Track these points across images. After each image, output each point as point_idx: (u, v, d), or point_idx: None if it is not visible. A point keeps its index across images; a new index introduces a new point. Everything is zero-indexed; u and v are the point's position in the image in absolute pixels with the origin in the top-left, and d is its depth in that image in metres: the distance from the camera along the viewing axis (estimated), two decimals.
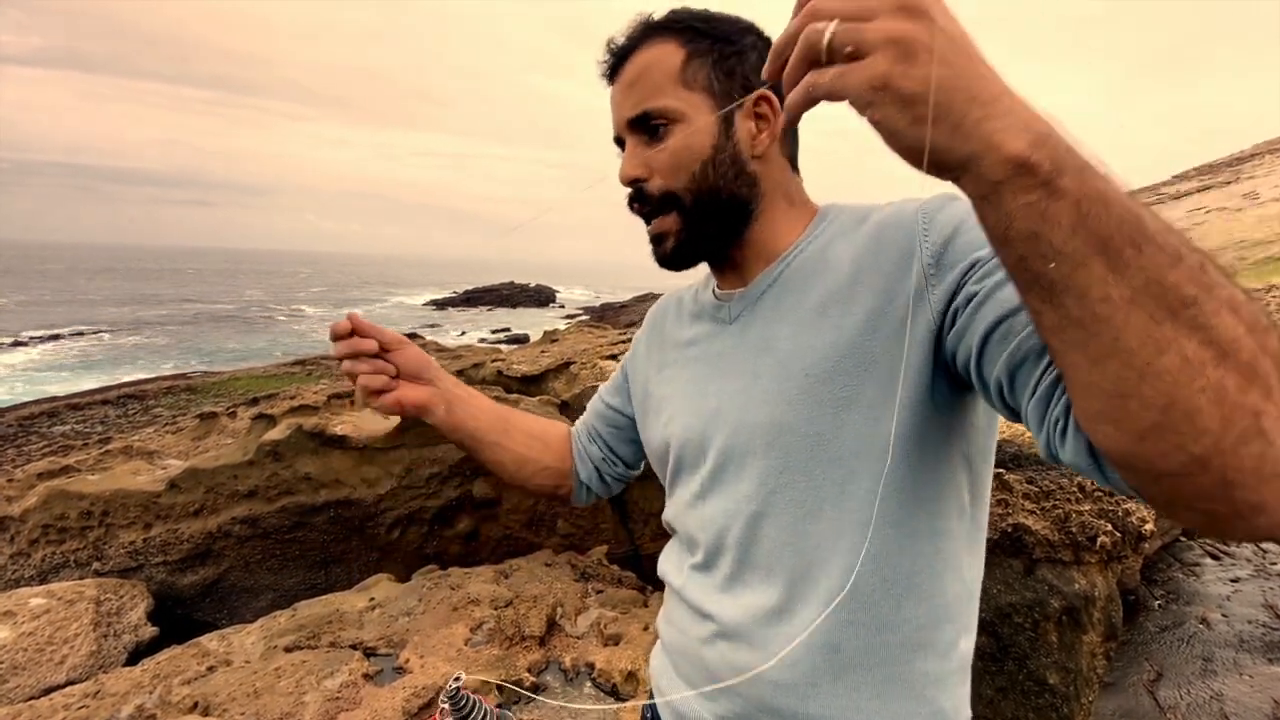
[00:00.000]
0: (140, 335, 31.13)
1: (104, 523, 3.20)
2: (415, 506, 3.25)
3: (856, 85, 0.38)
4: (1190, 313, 0.36)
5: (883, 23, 0.37)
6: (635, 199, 0.73)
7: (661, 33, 0.71)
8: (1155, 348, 0.36)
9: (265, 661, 2.13)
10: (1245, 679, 2.00)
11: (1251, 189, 14.02)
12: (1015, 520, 1.65)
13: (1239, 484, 0.37)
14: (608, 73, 0.74)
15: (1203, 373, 0.36)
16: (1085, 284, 0.37)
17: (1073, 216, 0.36)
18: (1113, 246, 0.36)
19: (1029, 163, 0.36)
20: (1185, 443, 0.37)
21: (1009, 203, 0.37)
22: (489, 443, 0.90)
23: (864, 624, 0.64)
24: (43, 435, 6.28)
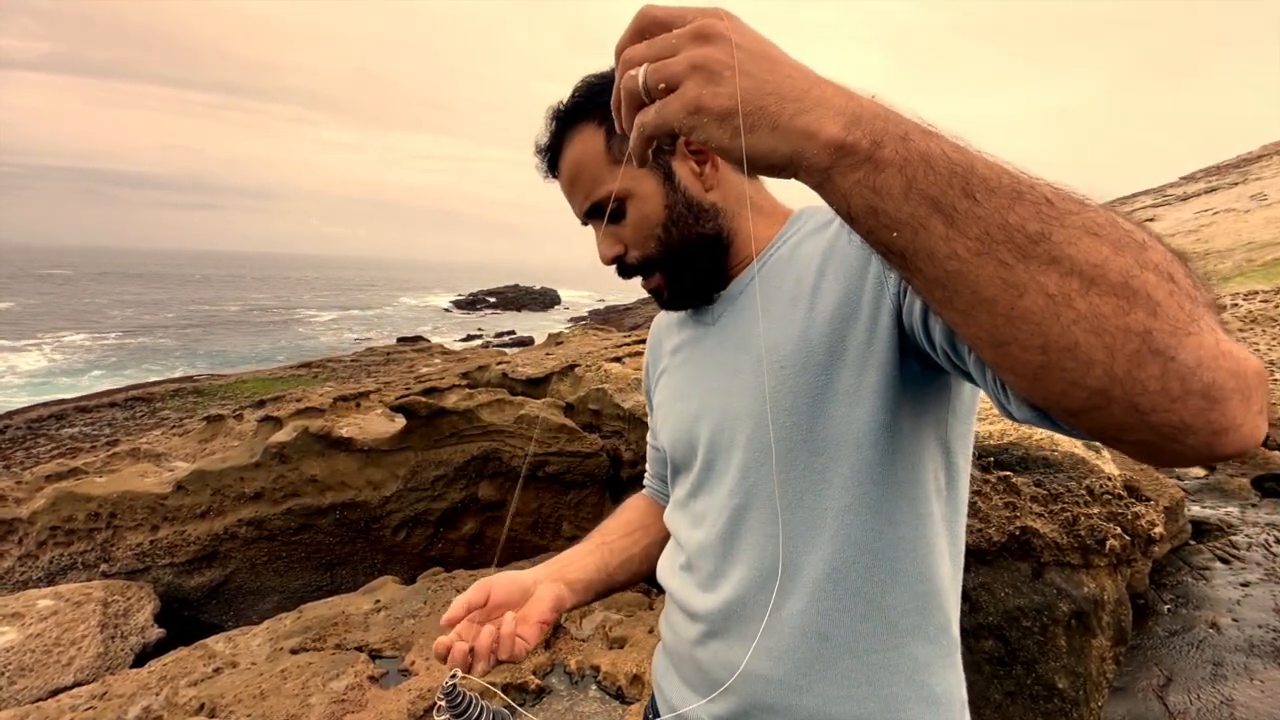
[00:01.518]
0: (147, 338, 31.33)
1: (111, 524, 3.21)
2: (420, 509, 3.26)
3: (675, 114, 0.40)
4: (1041, 248, 0.36)
5: (684, 54, 0.40)
6: (621, 272, 0.76)
7: (576, 120, 0.72)
8: (1014, 291, 0.36)
9: (271, 663, 2.14)
10: (1256, 684, 1.98)
11: (1259, 190, 13.93)
12: (1023, 523, 1.64)
13: (1151, 408, 0.35)
14: (546, 172, 0.76)
15: (1070, 305, 0.35)
16: (930, 245, 0.37)
17: (901, 183, 0.37)
18: (946, 202, 0.37)
19: (846, 143, 0.38)
20: (1076, 378, 0.36)
21: (840, 183, 0.39)
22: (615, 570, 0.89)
23: (851, 611, 0.64)
24: (51, 438, 6.32)
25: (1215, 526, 2.98)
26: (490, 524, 3.31)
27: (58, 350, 27.15)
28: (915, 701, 0.65)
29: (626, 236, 0.73)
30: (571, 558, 0.85)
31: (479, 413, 3.17)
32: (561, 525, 3.17)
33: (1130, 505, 1.69)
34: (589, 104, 0.71)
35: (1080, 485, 1.72)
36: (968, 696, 0.72)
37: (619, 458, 2.99)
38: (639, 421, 2.81)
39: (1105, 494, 1.71)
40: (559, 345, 4.59)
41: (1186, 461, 0.39)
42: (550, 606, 0.75)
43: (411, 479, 3.21)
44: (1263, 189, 13.88)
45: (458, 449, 3.22)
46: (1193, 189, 16.93)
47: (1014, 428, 1.96)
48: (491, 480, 3.27)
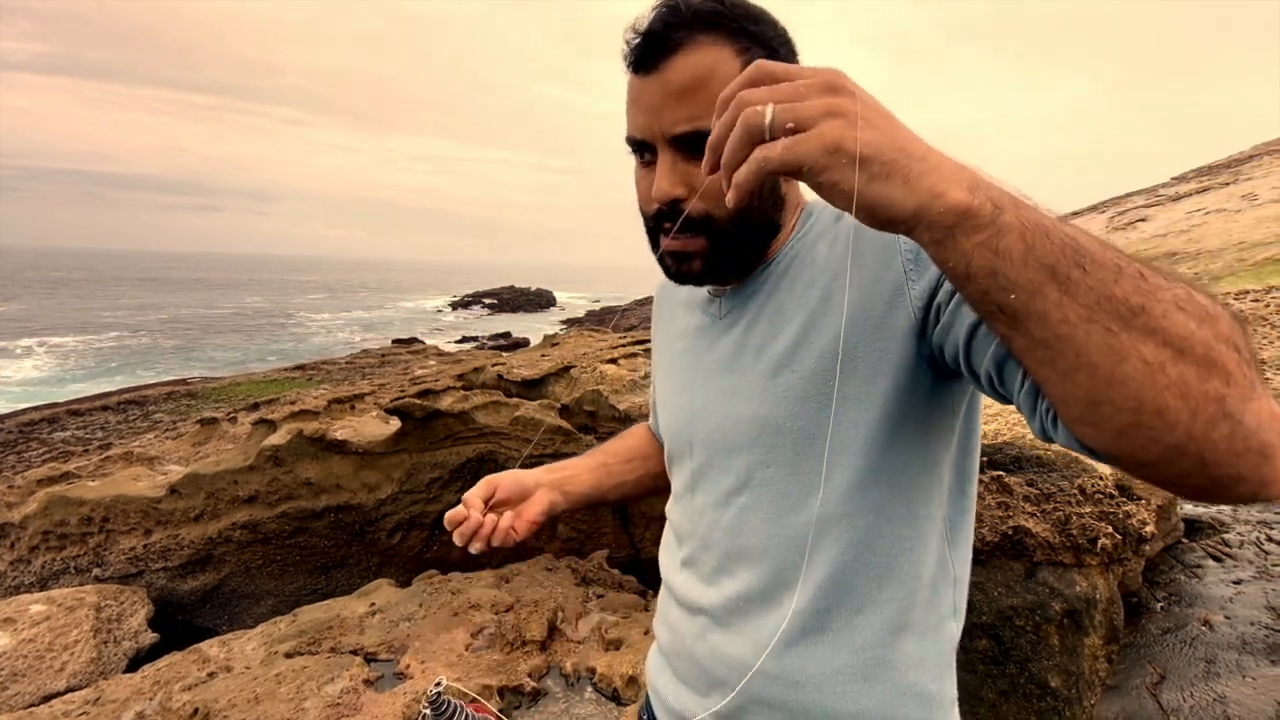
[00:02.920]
0: (142, 341, 31.16)
1: (104, 529, 3.20)
2: (416, 511, 3.25)
3: (812, 151, 0.41)
4: (1141, 320, 0.39)
5: (816, 100, 0.42)
6: (666, 218, 0.65)
7: (713, 30, 0.61)
8: (1116, 357, 0.39)
9: (266, 667, 2.13)
10: (1249, 681, 1.98)
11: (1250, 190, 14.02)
12: (1016, 523, 1.64)
13: (1215, 462, 0.40)
14: (641, 62, 0.63)
15: (1164, 371, 0.39)
16: (1043, 309, 0.40)
17: (1021, 248, 0.40)
18: (1061, 271, 0.39)
19: (972, 206, 0.40)
20: (1160, 435, 0.40)
21: (963, 244, 0.41)
22: (608, 490, 0.95)
23: (846, 606, 0.65)
24: (43, 441, 6.28)
25: (1207, 524, 2.99)
26: None
27: (51, 354, 26.98)
28: (909, 698, 0.66)
29: (700, 182, 0.63)
30: (574, 472, 0.92)
31: (474, 415, 3.16)
32: (557, 527, 3.17)
33: (1122, 504, 1.70)
34: (732, 21, 0.62)
35: (1073, 485, 1.73)
36: (962, 695, 0.73)
37: None
38: (634, 422, 2.81)
39: (1097, 493, 1.72)
40: (554, 347, 4.58)
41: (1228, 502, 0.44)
42: (543, 510, 0.85)
43: (407, 481, 3.21)
44: (1253, 189, 13.97)
45: (453, 451, 3.21)
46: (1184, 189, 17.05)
47: (1008, 426, 1.97)
48: None
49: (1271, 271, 8.88)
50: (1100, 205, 20.37)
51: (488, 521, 0.80)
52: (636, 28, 0.63)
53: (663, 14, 0.62)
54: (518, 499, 0.85)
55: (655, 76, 0.62)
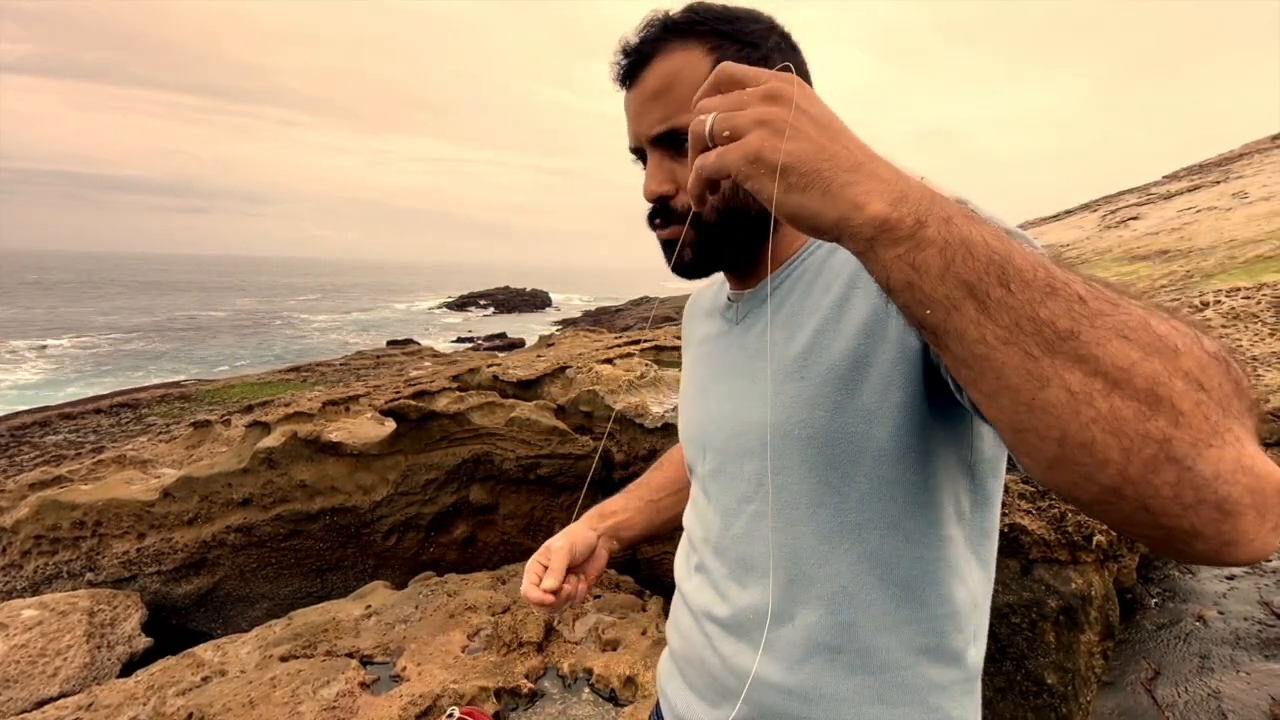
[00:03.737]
0: (134, 344, 30.97)
1: (97, 533, 3.17)
2: (412, 513, 3.24)
3: (734, 160, 0.43)
4: (1068, 345, 0.36)
5: (752, 109, 0.43)
6: (658, 214, 0.70)
7: (684, 36, 0.66)
8: (1037, 383, 0.37)
9: (261, 671, 2.12)
10: (1242, 676, 2.00)
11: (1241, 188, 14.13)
12: (1011, 520, 1.65)
13: (1161, 511, 0.36)
14: (623, 77, 0.68)
15: (1091, 404, 0.36)
16: (960, 327, 0.39)
17: (939, 263, 0.39)
18: (980, 288, 0.38)
19: (890, 219, 0.40)
20: (1090, 473, 0.37)
21: (882, 255, 0.40)
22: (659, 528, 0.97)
23: (864, 626, 0.63)
24: (35, 445, 6.23)
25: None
26: (482, 527, 3.29)
27: (43, 357, 26.78)
28: None
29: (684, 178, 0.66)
30: (627, 517, 0.93)
31: (470, 415, 3.15)
32: (554, 528, 3.17)
33: None
34: (702, 25, 0.66)
35: None
36: None
37: (611, 459, 2.98)
38: (630, 422, 2.81)
39: None
40: (550, 347, 4.58)
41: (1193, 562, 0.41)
42: (604, 565, 0.89)
43: (402, 483, 3.19)
44: (1244, 187, 14.07)
45: (449, 452, 3.20)
46: (1176, 187, 17.15)
47: None
48: (483, 483, 3.26)
49: (1262, 269, 8.95)
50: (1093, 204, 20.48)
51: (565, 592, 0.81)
52: (619, 47, 0.69)
53: (640, 31, 0.67)
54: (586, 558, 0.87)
55: (635, 87, 0.68)
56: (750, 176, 0.42)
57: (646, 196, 0.69)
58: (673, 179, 0.68)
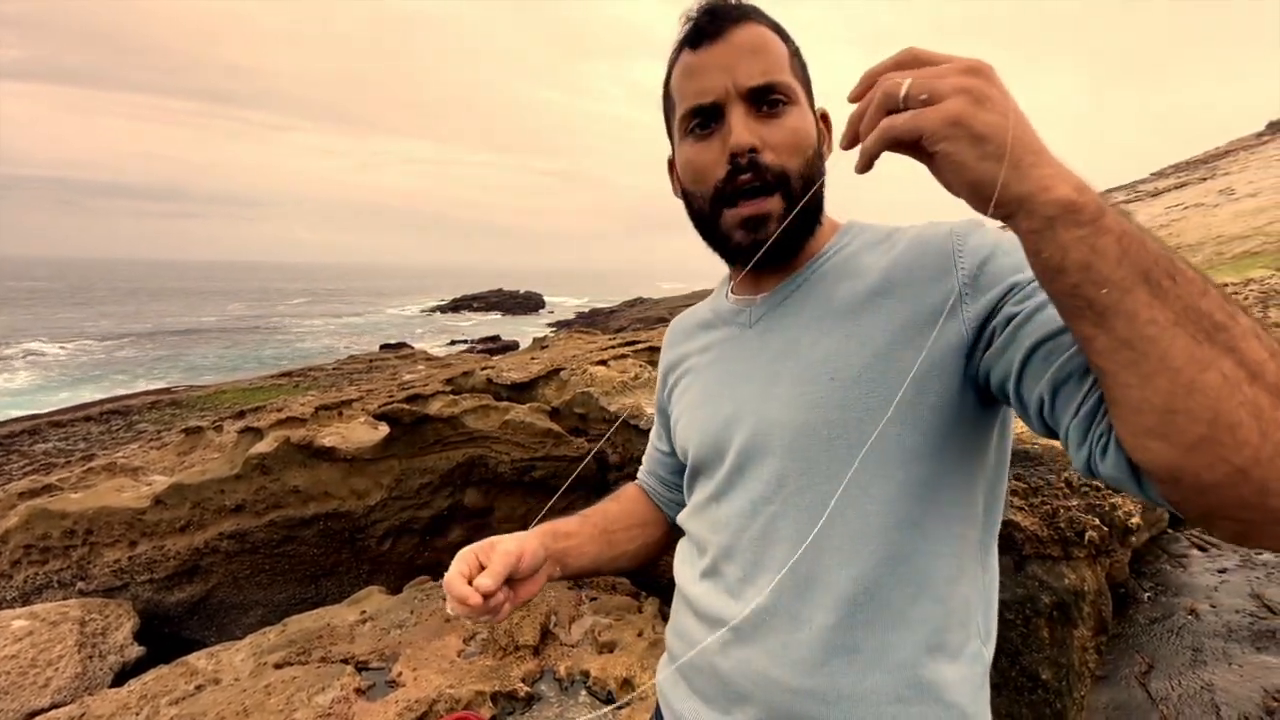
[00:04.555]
0: (124, 350, 30.74)
1: (88, 541, 3.14)
2: (406, 517, 3.23)
3: (934, 121, 0.43)
4: (1223, 336, 0.40)
5: (954, 79, 0.44)
6: (747, 169, 0.66)
7: (759, 19, 0.69)
8: (1199, 365, 0.40)
9: (255, 679, 2.10)
10: (1235, 668, 2.01)
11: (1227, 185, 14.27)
12: (1005, 516, 1.66)
13: (1275, 492, 0.40)
14: (706, 33, 0.67)
15: (1240, 389, 0.40)
16: (1133, 308, 0.41)
17: (1117, 250, 0.42)
18: (1153, 277, 0.41)
19: (1077, 203, 0.42)
20: (1229, 454, 0.40)
21: (1063, 235, 0.42)
22: (606, 563, 0.89)
23: (880, 624, 0.63)
24: (24, 453, 6.17)
25: None
26: (477, 531, 3.28)
27: (31, 364, 26.53)
28: None
29: (773, 138, 0.66)
30: (578, 542, 0.86)
31: (463, 419, 3.14)
32: None
33: (1108, 496, 1.72)
34: (766, 18, 0.70)
35: (1059, 478, 1.75)
36: None
37: (605, 461, 2.98)
38: (625, 424, 2.80)
39: (1084, 486, 1.74)
40: (544, 349, 4.57)
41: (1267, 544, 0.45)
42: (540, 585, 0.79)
43: (396, 487, 3.18)
44: (1230, 184, 14.22)
45: (443, 456, 3.19)
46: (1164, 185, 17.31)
47: None
48: (478, 487, 3.25)
49: (1249, 264, 9.04)
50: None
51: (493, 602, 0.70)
52: (690, 14, 0.69)
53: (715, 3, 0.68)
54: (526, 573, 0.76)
55: (721, 42, 0.67)
56: (947, 139, 0.43)
57: (735, 147, 0.65)
58: (760, 136, 0.66)
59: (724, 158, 0.67)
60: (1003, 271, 0.61)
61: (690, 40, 0.68)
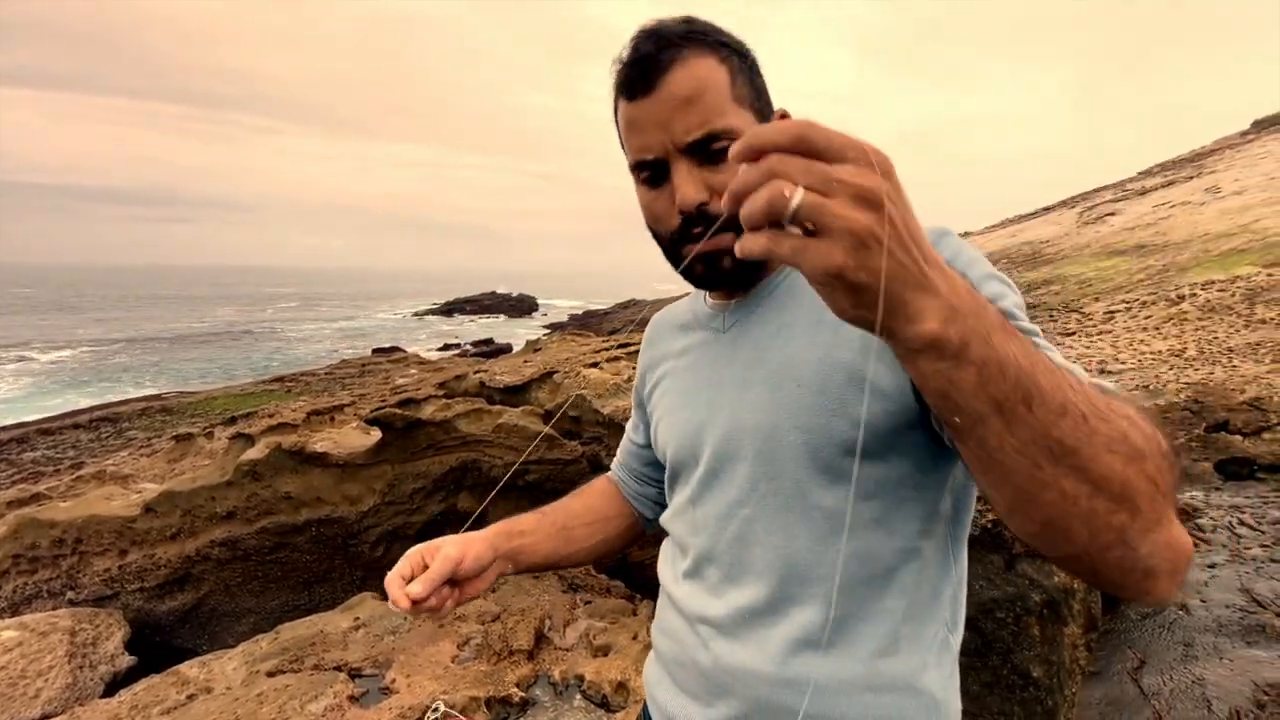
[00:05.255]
0: (115, 358, 30.49)
1: (77, 550, 3.12)
2: (399, 523, 3.21)
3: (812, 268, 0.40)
4: (1070, 459, 0.43)
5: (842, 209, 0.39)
6: (698, 223, 0.66)
7: (696, 45, 0.65)
8: (1038, 485, 0.44)
9: (247, 688, 2.09)
10: (1225, 663, 2.02)
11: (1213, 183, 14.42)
12: (995, 515, 1.67)
13: (1106, 576, 0.47)
14: (639, 85, 0.65)
15: (1077, 504, 0.44)
16: (983, 435, 0.44)
17: (975, 382, 0.42)
18: (1007, 406, 0.43)
19: (940, 339, 0.42)
20: (1060, 545, 0.47)
21: (924, 367, 0.43)
22: (563, 559, 0.90)
23: (855, 617, 0.65)
24: (11, 462, 6.11)
25: (1182, 511, 3.06)
26: None
27: (20, 372, 26.28)
28: (916, 710, 0.66)
29: (721, 183, 0.65)
30: (532, 540, 0.87)
31: (456, 423, 3.13)
32: None
33: None
34: (707, 36, 0.66)
35: None
36: None
37: (599, 463, 2.98)
38: (619, 427, 2.80)
39: None
40: (537, 352, 4.56)
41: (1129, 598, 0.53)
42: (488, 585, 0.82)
43: (389, 493, 3.17)
44: (1216, 182, 14.36)
45: (436, 460, 3.18)
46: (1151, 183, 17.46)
47: None
48: (471, 491, 3.24)
49: (1235, 261, 9.13)
50: (1070, 200, 20.78)
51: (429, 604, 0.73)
52: (623, 58, 0.66)
53: (648, 38, 0.65)
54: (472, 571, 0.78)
55: (655, 94, 0.65)
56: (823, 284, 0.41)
57: (684, 206, 0.66)
58: (708, 186, 0.66)
59: (675, 209, 0.67)
60: None
61: (623, 91, 0.67)
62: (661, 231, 0.71)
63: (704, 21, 0.68)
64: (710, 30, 0.67)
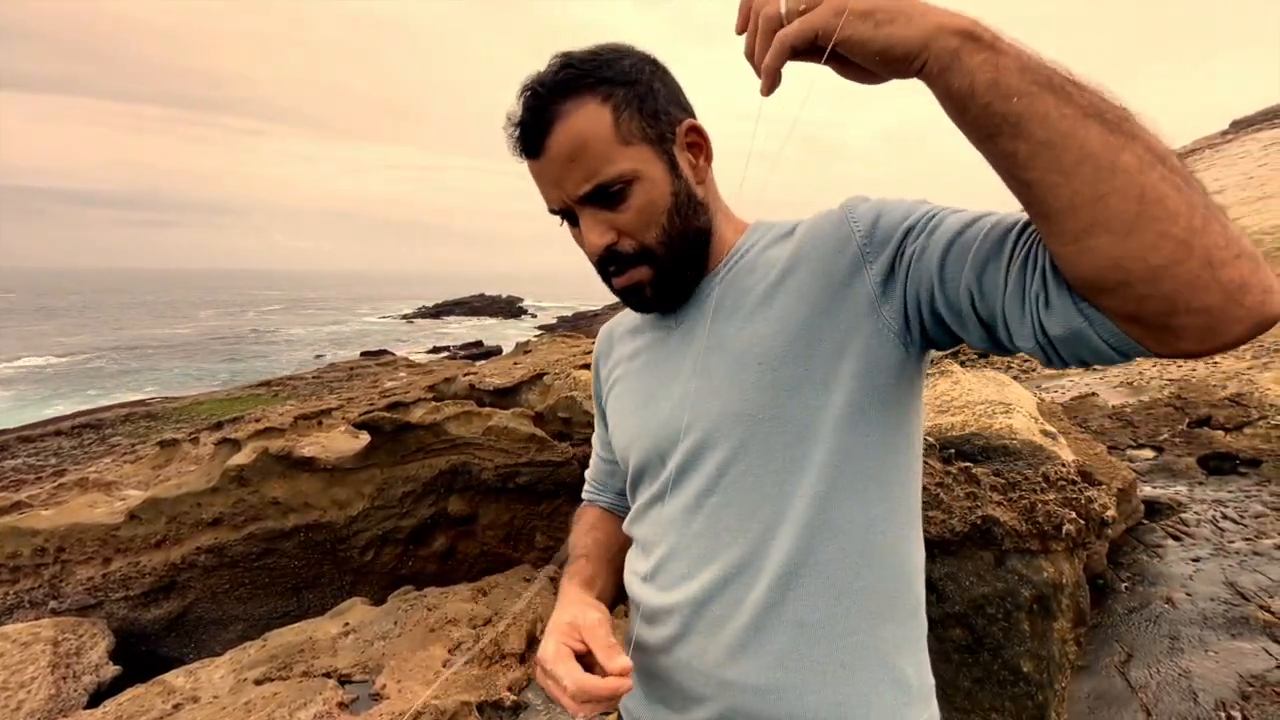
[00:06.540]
0: (99, 362, 30.08)
1: (59, 559, 3.06)
2: (389, 527, 3.19)
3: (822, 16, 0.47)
4: (1127, 126, 0.44)
5: None
6: (610, 262, 0.71)
7: (575, 94, 0.66)
8: (1114, 148, 0.44)
9: (234, 696, 2.06)
10: (1211, 655, 2.05)
11: None
12: (984, 512, 1.68)
13: (1220, 261, 0.43)
14: (527, 149, 0.68)
15: (1155, 167, 0.43)
16: (1044, 109, 0.45)
17: (1018, 64, 0.46)
18: (1055, 83, 0.45)
19: (974, 31, 0.46)
20: (1165, 226, 0.43)
21: (968, 62, 0.46)
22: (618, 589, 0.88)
23: (825, 594, 0.65)
24: None
25: (1166, 505, 3.10)
26: (461, 539, 3.25)
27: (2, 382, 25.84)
28: (888, 685, 0.66)
29: (624, 223, 0.69)
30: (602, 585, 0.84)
31: (446, 426, 3.11)
32: (535, 536, 3.14)
33: (1084, 490, 1.75)
34: (586, 78, 0.66)
35: (1037, 473, 1.78)
36: (938, 685, 0.74)
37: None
38: None
39: (1060, 480, 1.76)
40: (527, 354, 4.54)
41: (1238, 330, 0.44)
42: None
43: (378, 497, 3.14)
44: None
45: (425, 464, 3.16)
46: None
47: (975, 418, 2.01)
48: (461, 494, 3.22)
49: None
50: None
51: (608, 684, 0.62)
52: (511, 120, 0.68)
53: (527, 101, 0.67)
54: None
55: (543, 157, 0.68)
56: (838, 26, 0.47)
57: (592, 252, 0.70)
58: (612, 227, 0.69)
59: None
60: (894, 222, 0.64)
61: (517, 152, 0.70)
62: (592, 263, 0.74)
63: (585, 58, 0.67)
64: (590, 69, 0.67)
